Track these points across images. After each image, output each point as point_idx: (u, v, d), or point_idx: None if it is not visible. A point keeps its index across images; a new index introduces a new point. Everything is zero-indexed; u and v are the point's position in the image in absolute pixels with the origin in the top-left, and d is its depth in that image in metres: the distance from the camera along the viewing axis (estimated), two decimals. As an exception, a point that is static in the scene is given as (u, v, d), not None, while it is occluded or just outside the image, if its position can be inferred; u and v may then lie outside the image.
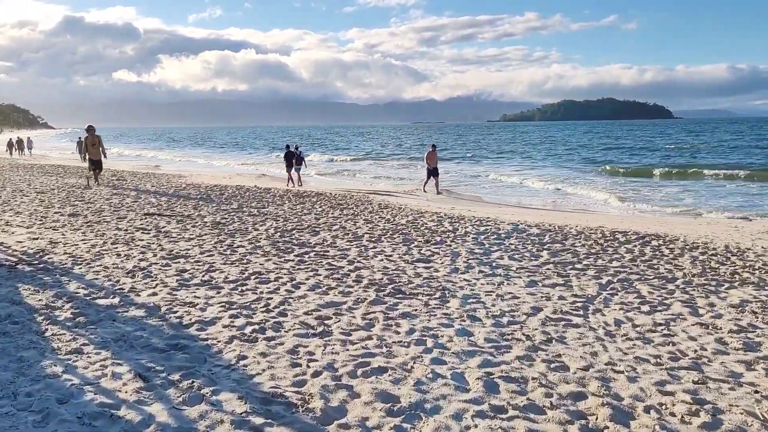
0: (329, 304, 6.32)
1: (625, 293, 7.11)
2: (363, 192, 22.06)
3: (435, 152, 23.09)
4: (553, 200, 22.04)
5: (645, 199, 21.87)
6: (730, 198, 21.93)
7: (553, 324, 5.81)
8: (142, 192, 18.07)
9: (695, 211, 18.65)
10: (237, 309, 6.07)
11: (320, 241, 10.10)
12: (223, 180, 26.75)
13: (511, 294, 6.92)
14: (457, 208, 17.38)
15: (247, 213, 13.53)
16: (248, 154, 59.34)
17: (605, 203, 21.01)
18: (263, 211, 14.06)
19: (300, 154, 24.39)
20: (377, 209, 15.38)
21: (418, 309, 6.22)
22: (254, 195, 18.24)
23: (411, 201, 19.79)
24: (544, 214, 17.09)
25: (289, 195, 18.54)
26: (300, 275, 7.59)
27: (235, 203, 15.60)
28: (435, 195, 22.10)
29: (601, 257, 9.40)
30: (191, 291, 6.75)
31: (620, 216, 16.67)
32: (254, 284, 7.11)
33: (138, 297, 6.47)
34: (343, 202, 17.23)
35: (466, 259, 8.86)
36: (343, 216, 13.46)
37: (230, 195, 17.82)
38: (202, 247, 9.32)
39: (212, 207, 14.48)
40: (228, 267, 7.98)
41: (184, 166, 42.95)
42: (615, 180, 29.61)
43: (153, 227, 11.16)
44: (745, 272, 8.55)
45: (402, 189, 24.47)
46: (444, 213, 15.09)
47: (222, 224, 11.70)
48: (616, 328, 5.72)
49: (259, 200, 16.58)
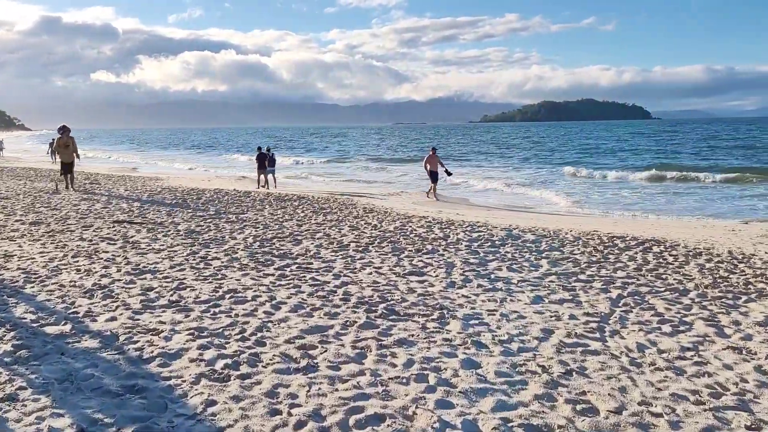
0: (314, 328, 5.52)
1: (640, 310, 6.42)
2: (347, 195, 21.27)
3: (435, 155, 21.95)
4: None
5: (623, 204, 21.43)
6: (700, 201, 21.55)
7: (569, 350, 5.08)
8: (114, 197, 17.08)
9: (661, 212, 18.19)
10: (208, 337, 5.25)
11: (303, 251, 9.28)
12: (202, 183, 25.76)
13: (517, 313, 6.18)
14: (444, 212, 16.66)
15: (224, 219, 12.65)
16: (218, 156, 58.20)
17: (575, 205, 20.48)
18: (242, 217, 13.19)
19: (272, 156, 24.09)
20: (362, 214, 14.60)
21: (415, 334, 5.45)
22: (233, 199, 17.34)
23: (396, 204, 19.04)
24: (534, 217, 16.45)
25: (270, 199, 17.67)
26: (281, 293, 6.78)
27: (213, 208, 14.70)
28: (427, 199, 21.24)
29: (604, 266, 8.73)
30: (156, 314, 5.90)
31: (614, 219, 16.09)
32: (229, 305, 6.28)
33: (94, 323, 5.61)
34: (326, 206, 16.41)
35: (462, 270, 8.11)
36: (326, 222, 12.65)
37: (208, 199, 16.91)
38: (172, 260, 8.45)
39: (187, 213, 13.57)
40: (200, 284, 7.14)
41: (162, 169, 41.77)
42: (594, 181, 29.19)
43: (120, 237, 10.25)
44: (759, 282, 7.94)
45: (387, 191, 23.71)
46: (432, 217, 14.35)
47: (197, 233, 10.82)
48: (640, 355, 5.01)
49: (238, 205, 15.70)
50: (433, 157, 21.77)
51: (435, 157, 21.83)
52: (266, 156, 23.94)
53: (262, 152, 24.11)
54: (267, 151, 24.21)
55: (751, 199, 21.26)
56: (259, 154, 24.15)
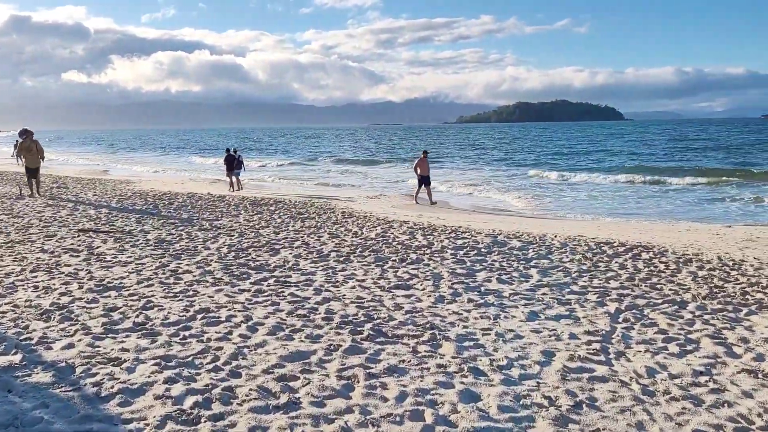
0: (294, 355, 5.00)
1: (642, 326, 6.02)
2: (324, 198, 20.71)
3: (426, 159, 21.02)
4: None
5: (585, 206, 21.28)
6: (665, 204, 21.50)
7: (574, 377, 4.64)
8: (81, 203, 16.29)
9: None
10: (176, 367, 4.69)
11: (281, 262, 8.72)
12: (175, 186, 24.97)
13: (513, 332, 5.73)
14: (425, 216, 16.23)
15: (197, 227, 12.02)
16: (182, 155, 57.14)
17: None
18: (216, 224, 12.56)
19: (239, 158, 24.13)
20: (341, 219, 14.08)
21: (406, 359, 4.96)
22: (207, 204, 16.68)
23: (375, 208, 18.56)
24: (516, 221, 16.10)
25: (245, 204, 17.05)
26: (257, 312, 6.24)
27: (185, 214, 14.03)
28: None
29: (595, 275, 8.35)
30: (119, 340, 5.32)
31: (597, 224, 15.80)
32: (200, 327, 5.72)
33: (48, 351, 5.01)
34: (303, 210, 15.86)
35: (449, 283, 7.65)
36: (305, 228, 12.09)
37: (180, 204, 16.21)
38: (140, 274, 7.83)
39: (158, 220, 12.89)
40: (169, 302, 6.55)
41: (135, 171, 40.71)
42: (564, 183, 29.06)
43: (85, 248, 9.58)
44: (756, 291, 7.63)
45: (365, 194, 23.20)
46: (413, 222, 13.90)
47: (167, 242, 10.19)
48: (651, 381, 4.59)
49: (212, 210, 15.05)
50: (424, 161, 20.85)
51: (426, 161, 20.93)
52: (234, 158, 23.79)
53: (230, 154, 24.13)
54: (234, 152, 24.23)
55: (723, 202, 21.23)
56: (227, 156, 24.17)
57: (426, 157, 21.00)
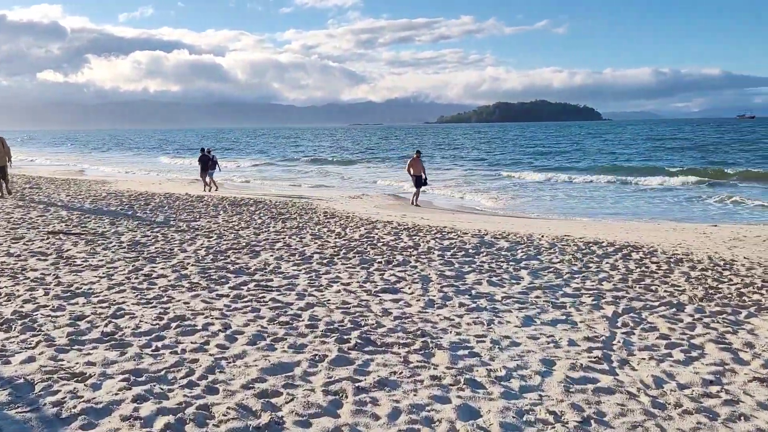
0: (277, 367, 4.60)
1: (642, 331, 5.73)
2: (305, 198, 20.28)
3: (419, 159, 20.19)
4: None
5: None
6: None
7: (579, 388, 4.31)
8: (53, 204, 15.67)
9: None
10: (146, 383, 4.26)
11: (261, 265, 8.30)
12: (152, 186, 24.34)
13: (509, 339, 5.39)
14: (408, 216, 15.89)
15: (174, 228, 11.52)
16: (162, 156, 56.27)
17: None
18: (194, 225, 12.08)
19: (213, 158, 23.86)
20: (323, 219, 13.67)
21: (397, 370, 4.59)
22: (185, 204, 16.16)
23: (358, 208, 18.18)
24: (502, 221, 15.83)
25: (225, 204, 16.56)
26: (236, 319, 5.82)
27: (161, 215, 13.51)
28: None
29: (587, 277, 8.07)
30: (85, 352, 4.88)
31: (583, 223, 15.59)
32: (175, 336, 5.29)
33: (6, 366, 4.56)
34: (284, 211, 15.42)
35: (439, 286, 7.30)
36: (286, 230, 11.67)
37: (157, 205, 15.66)
38: (111, 279, 7.36)
39: (133, 222, 12.37)
40: (141, 309, 6.11)
41: (111, 171, 39.85)
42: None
43: (54, 251, 9.06)
44: (752, 293, 7.41)
45: (347, 194, 22.80)
46: (397, 222, 13.55)
47: (142, 244, 9.70)
48: (661, 392, 4.28)
49: (190, 211, 14.54)
50: (416, 161, 20.03)
51: (419, 161, 20.10)
52: (208, 158, 23.60)
53: (204, 154, 23.98)
54: (208, 152, 24.05)
55: (702, 201, 21.21)
56: (201, 156, 24.02)
57: (419, 157, 20.28)
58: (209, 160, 23.58)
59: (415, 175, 19.85)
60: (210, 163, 23.57)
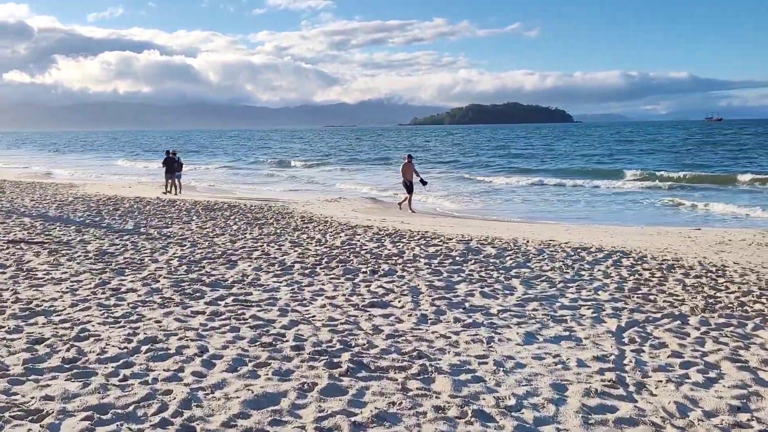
0: (261, 399, 4.08)
1: (652, 348, 5.35)
2: (281, 203, 19.68)
3: (411, 163, 19.32)
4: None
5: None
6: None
7: (598, 419, 3.89)
8: (12, 212, 14.82)
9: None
10: (112, 422, 3.71)
11: (239, 276, 7.75)
12: (122, 190, 23.46)
13: (513, 360, 4.96)
14: (388, 220, 15.43)
15: (144, 236, 10.87)
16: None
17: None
18: (165, 232, 11.43)
19: (178, 160, 23.55)
20: (301, 225, 13.14)
21: (396, 400, 4.11)
22: (156, 210, 15.45)
23: (335, 212, 17.68)
24: (483, 224, 15.47)
25: (198, 209, 15.89)
26: (214, 340, 5.28)
27: (131, 222, 12.80)
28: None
29: (582, 286, 7.70)
30: (42, 383, 4.29)
31: (566, 227, 15.31)
32: (145, 363, 4.73)
33: (-52, 403, 3.97)
34: (260, 215, 14.85)
35: (430, 298, 6.84)
36: (263, 236, 11.11)
37: (126, 210, 14.92)
38: (75, 294, 6.74)
39: (100, 229, 11.67)
40: (108, 329, 5.52)
41: (80, 175, 38.62)
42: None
43: (14, 262, 8.37)
44: (752, 302, 7.12)
45: (323, 197, 22.25)
46: (378, 227, 13.08)
47: (110, 254, 9.05)
48: (688, 423, 3.88)
49: (161, 217, 13.86)
50: (408, 166, 19.24)
51: (410, 166, 19.26)
52: (174, 160, 23.13)
53: (169, 156, 23.45)
54: (173, 154, 23.60)
55: (673, 207, 21.16)
56: (166, 158, 23.47)
57: (411, 162, 19.38)
58: (174, 162, 23.10)
59: (407, 180, 19.02)
60: (176, 165, 23.13)
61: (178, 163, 23.41)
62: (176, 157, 23.66)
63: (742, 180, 27.33)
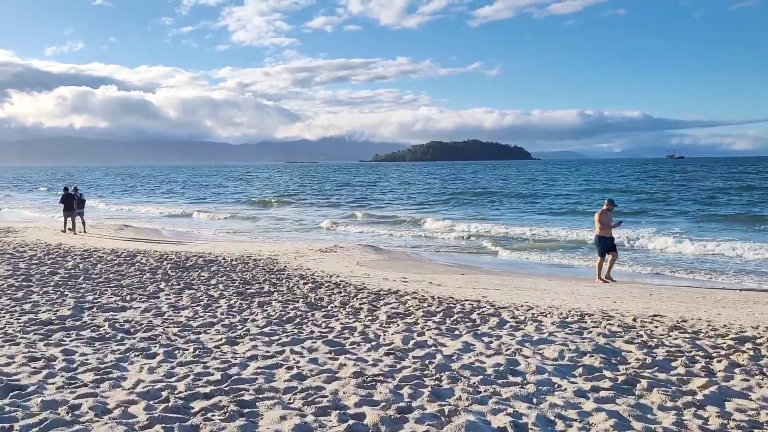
0: None
1: None
2: (267, 255, 15.80)
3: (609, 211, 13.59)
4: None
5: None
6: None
7: None
8: None
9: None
10: None
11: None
12: (70, 237, 19.17)
13: None
14: (410, 280, 11.79)
15: (88, 329, 6.84)
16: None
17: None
18: (121, 320, 7.38)
19: (79, 197, 22.03)
20: (307, 291, 9.46)
21: None
22: (109, 270, 11.43)
23: (338, 267, 13.99)
24: (504, 281, 11.97)
25: (166, 268, 11.94)
26: None
27: (70, 296, 8.73)
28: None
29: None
30: None
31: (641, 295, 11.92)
32: None
33: None
34: (250, 278, 11.11)
35: None
36: (274, 325, 7.25)
37: (68, 273, 10.82)
38: None
39: (18, 315, 7.58)
40: None
41: (24, 214, 33.88)
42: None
43: None
44: None
45: (316, 246, 18.44)
46: (413, 292, 9.48)
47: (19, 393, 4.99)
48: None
49: (117, 284, 9.85)
50: (606, 214, 13.50)
51: (609, 215, 13.55)
52: (73, 197, 21.65)
53: (68, 192, 21.95)
54: (74, 191, 22.10)
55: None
56: (64, 194, 21.96)
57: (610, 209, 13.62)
58: (74, 199, 21.59)
59: (602, 235, 13.35)
60: (77, 202, 21.62)
61: (79, 200, 21.84)
62: (77, 194, 21.96)
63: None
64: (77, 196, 21.96)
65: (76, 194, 22.02)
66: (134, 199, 49.17)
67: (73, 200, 21.65)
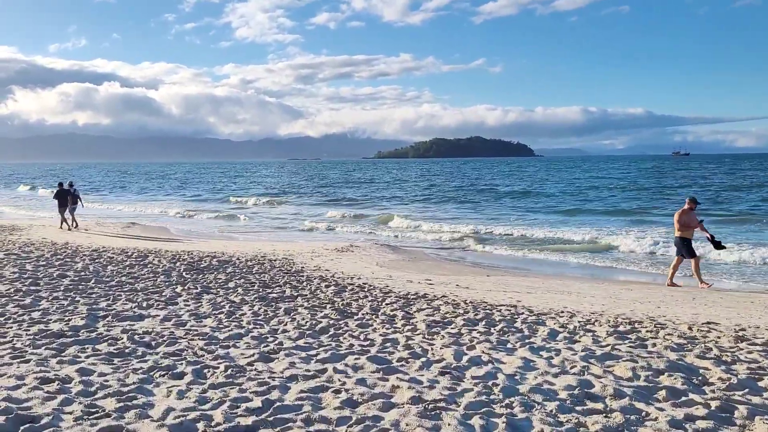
0: None
1: None
2: (279, 254, 15.16)
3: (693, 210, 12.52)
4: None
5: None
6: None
7: None
8: None
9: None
10: None
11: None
12: (77, 235, 18.53)
13: None
14: (435, 282, 11.12)
15: (104, 341, 6.21)
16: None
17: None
18: (138, 330, 6.74)
19: (75, 193, 21.53)
20: (332, 296, 8.82)
21: None
22: (120, 271, 10.79)
23: (358, 267, 13.35)
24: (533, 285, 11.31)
25: (180, 269, 11.30)
26: None
27: (82, 302, 8.08)
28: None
29: None
30: None
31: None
32: None
33: None
34: (268, 280, 10.49)
35: None
36: (305, 329, 6.61)
37: (77, 276, 10.16)
38: None
39: (26, 325, 6.92)
40: None
41: (26, 212, 33.28)
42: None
43: None
44: None
45: (332, 246, 17.77)
46: (442, 296, 8.82)
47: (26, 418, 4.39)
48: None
49: (130, 288, 9.20)
50: (688, 213, 12.44)
51: (692, 214, 12.46)
52: (68, 192, 21.21)
53: (63, 188, 21.41)
54: (69, 186, 21.67)
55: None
56: (59, 190, 21.37)
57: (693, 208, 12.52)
58: (68, 195, 21.09)
59: (683, 237, 12.28)
60: (71, 198, 21.12)
61: (74, 196, 21.30)
62: (71, 189, 21.44)
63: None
64: (72, 191, 21.45)
65: (71, 190, 21.54)
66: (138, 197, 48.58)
67: (67, 196, 21.14)
